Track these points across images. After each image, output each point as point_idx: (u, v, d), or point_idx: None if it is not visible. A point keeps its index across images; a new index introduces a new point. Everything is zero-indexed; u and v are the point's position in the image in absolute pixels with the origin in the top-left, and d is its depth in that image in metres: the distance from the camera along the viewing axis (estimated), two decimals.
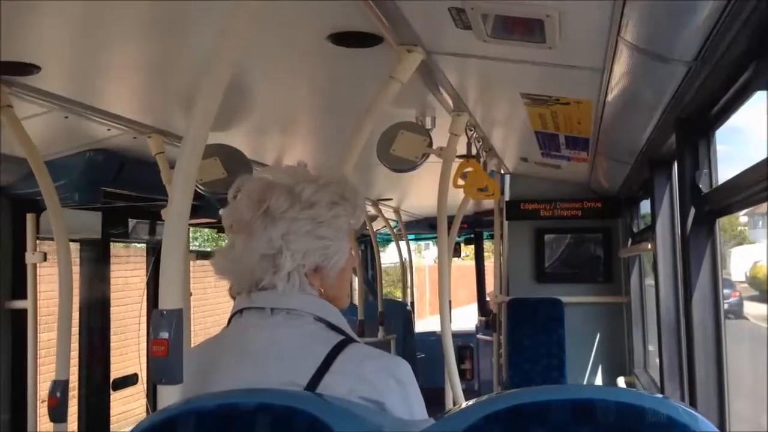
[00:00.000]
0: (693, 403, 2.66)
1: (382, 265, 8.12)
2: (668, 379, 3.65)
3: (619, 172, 4.45)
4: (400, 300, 9.35)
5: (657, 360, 4.00)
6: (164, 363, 1.44)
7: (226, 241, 1.56)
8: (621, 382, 5.59)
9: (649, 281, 4.92)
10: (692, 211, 2.67)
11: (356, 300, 7.31)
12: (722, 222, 2.70)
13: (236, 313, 1.52)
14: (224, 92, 1.55)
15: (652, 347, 4.99)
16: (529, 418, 1.04)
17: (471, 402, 1.13)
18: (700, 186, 2.64)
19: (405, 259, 8.95)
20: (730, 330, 2.71)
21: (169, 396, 1.44)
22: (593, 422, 1.01)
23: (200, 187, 3.40)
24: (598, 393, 1.05)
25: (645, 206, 4.80)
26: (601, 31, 2.07)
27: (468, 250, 11.06)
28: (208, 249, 10.32)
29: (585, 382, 5.86)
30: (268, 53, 2.42)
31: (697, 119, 2.59)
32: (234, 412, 1.15)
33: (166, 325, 1.46)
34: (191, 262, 4.80)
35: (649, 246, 3.87)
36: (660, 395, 1.09)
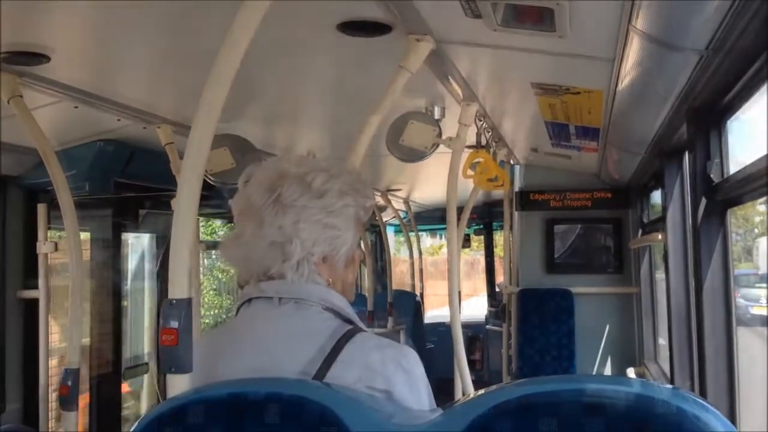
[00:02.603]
0: (703, 395, 2.65)
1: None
2: (678, 370, 3.64)
3: (629, 162, 4.43)
4: (409, 291, 9.34)
5: (667, 351, 3.98)
6: (174, 352, 1.45)
7: (235, 228, 1.56)
8: (631, 373, 5.57)
9: (660, 272, 4.90)
10: (703, 201, 2.66)
11: (366, 290, 7.31)
12: (745, 209, 2.63)
13: (244, 303, 1.52)
14: (233, 82, 1.55)
15: (662, 338, 4.97)
16: (538, 408, 1.03)
17: (480, 392, 1.13)
18: (712, 176, 2.62)
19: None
20: None
21: (179, 385, 1.44)
22: (603, 413, 1.01)
23: (209, 177, 3.41)
24: (609, 383, 1.05)
25: (656, 196, 4.78)
26: (612, 19, 2.06)
27: (478, 241, 11.03)
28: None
29: (594, 373, 5.85)
30: (277, 42, 2.41)
31: (709, 109, 2.57)
32: (243, 401, 1.16)
33: (175, 314, 1.46)
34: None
35: (660, 237, 3.85)
36: (670, 386, 1.09)
